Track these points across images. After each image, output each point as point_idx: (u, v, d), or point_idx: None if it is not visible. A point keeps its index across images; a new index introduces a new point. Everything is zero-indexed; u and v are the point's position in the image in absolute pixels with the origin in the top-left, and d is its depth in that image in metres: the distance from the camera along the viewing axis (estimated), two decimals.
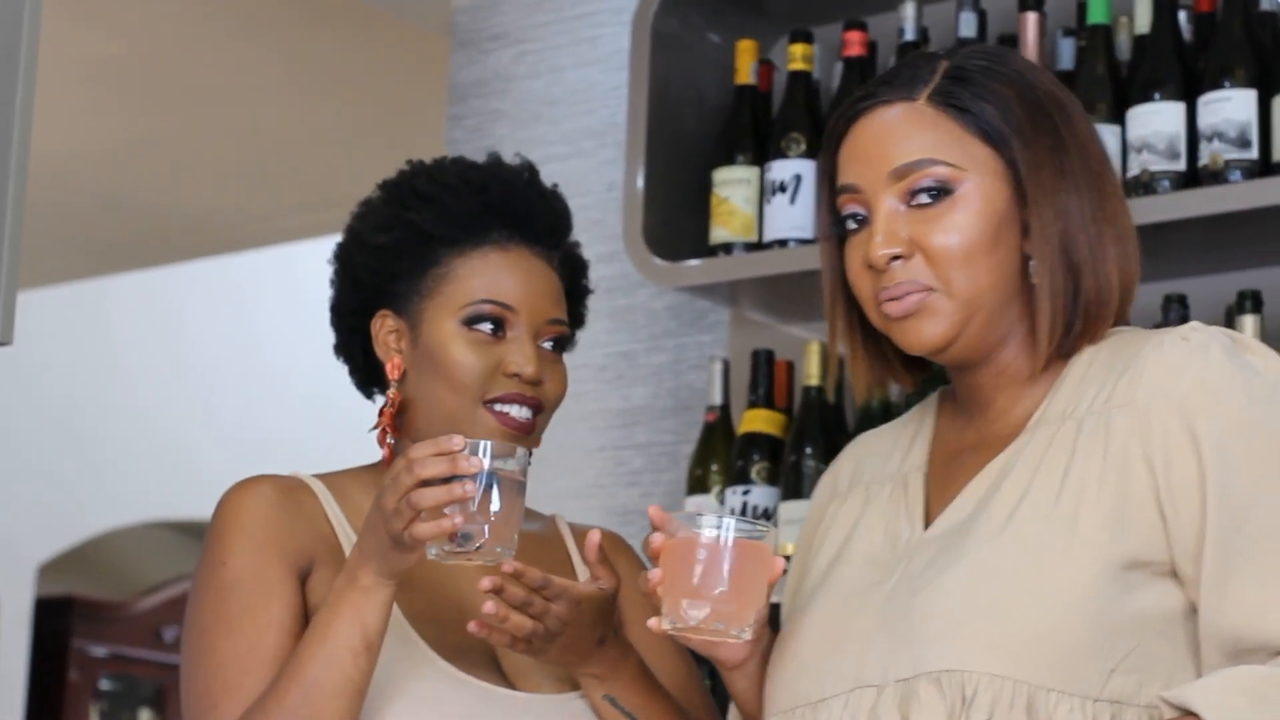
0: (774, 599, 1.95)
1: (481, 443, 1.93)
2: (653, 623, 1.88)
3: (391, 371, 2.21)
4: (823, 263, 1.98)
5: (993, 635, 1.78)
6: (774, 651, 1.96)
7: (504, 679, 2.13)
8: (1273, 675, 1.73)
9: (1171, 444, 1.80)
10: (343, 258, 2.29)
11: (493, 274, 2.19)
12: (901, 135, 1.89)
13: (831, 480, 2.10)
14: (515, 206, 2.23)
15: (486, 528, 1.92)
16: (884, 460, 2.04)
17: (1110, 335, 1.93)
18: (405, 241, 2.23)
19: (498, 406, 2.16)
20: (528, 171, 2.28)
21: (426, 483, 1.91)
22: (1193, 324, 1.88)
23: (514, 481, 1.94)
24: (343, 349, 2.30)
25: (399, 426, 2.23)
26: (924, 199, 1.88)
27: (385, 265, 2.23)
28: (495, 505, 1.92)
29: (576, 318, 2.31)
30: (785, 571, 1.94)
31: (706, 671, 3.07)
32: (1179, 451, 1.80)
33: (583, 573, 2.25)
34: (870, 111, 1.92)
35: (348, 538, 2.15)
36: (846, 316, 1.98)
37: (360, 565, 1.98)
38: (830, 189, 1.95)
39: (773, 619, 1.98)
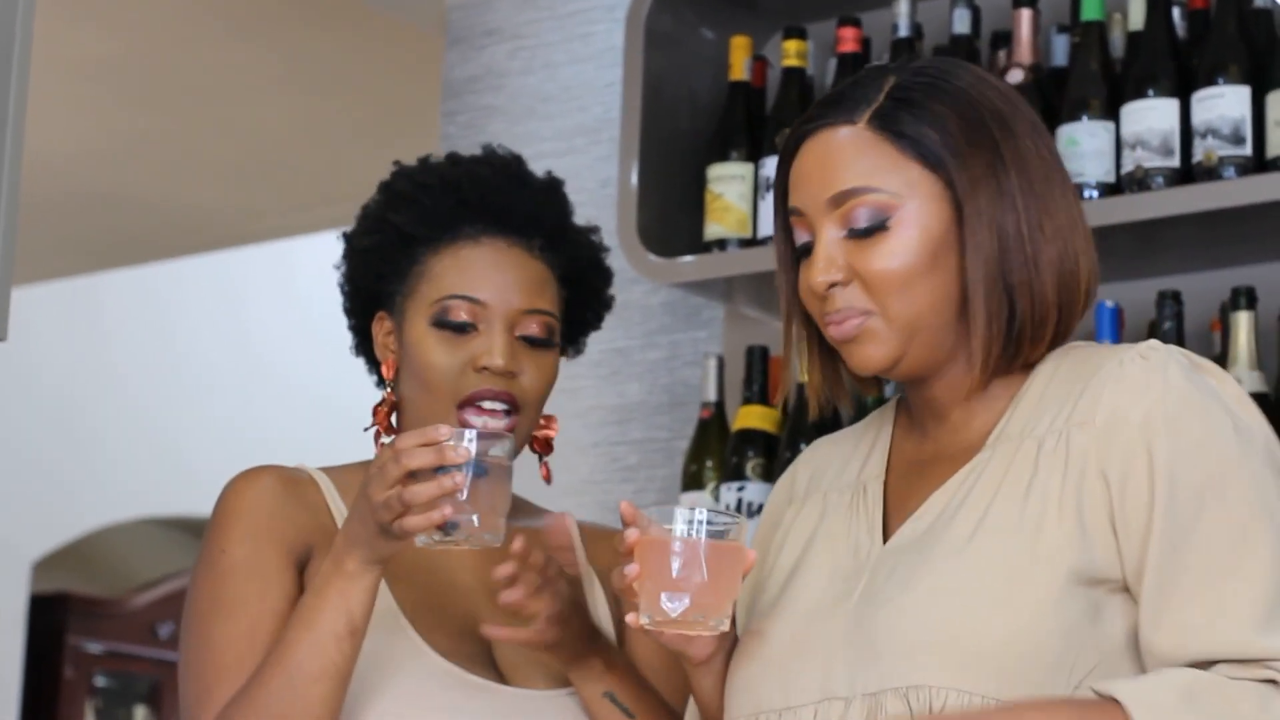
0: None
1: (466, 430, 1.93)
2: (630, 619, 1.87)
3: (386, 372, 2.23)
4: (778, 279, 1.99)
5: (959, 650, 1.79)
6: (735, 655, 1.96)
7: (498, 674, 2.14)
8: (1207, 679, 1.74)
9: (1128, 463, 1.81)
10: (342, 264, 2.30)
11: (462, 269, 2.19)
12: (840, 162, 1.89)
13: (789, 485, 2.10)
14: (489, 200, 2.22)
15: (475, 517, 1.92)
16: (842, 467, 2.04)
17: (1070, 350, 1.93)
18: (387, 243, 2.23)
19: (474, 404, 2.16)
20: (513, 163, 2.28)
21: (414, 474, 1.91)
22: (1150, 343, 1.88)
23: (500, 468, 1.94)
24: (357, 352, 2.32)
25: (393, 426, 2.23)
26: (860, 226, 1.88)
27: (372, 268, 2.24)
28: (482, 493, 1.92)
29: (595, 303, 2.30)
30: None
31: None
32: (1135, 470, 1.80)
33: (588, 571, 2.26)
34: (815, 134, 1.92)
35: None
36: (803, 330, 1.98)
37: (346, 551, 1.98)
38: (783, 208, 1.96)
39: None
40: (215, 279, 7.63)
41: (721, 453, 3.10)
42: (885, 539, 1.92)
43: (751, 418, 3.06)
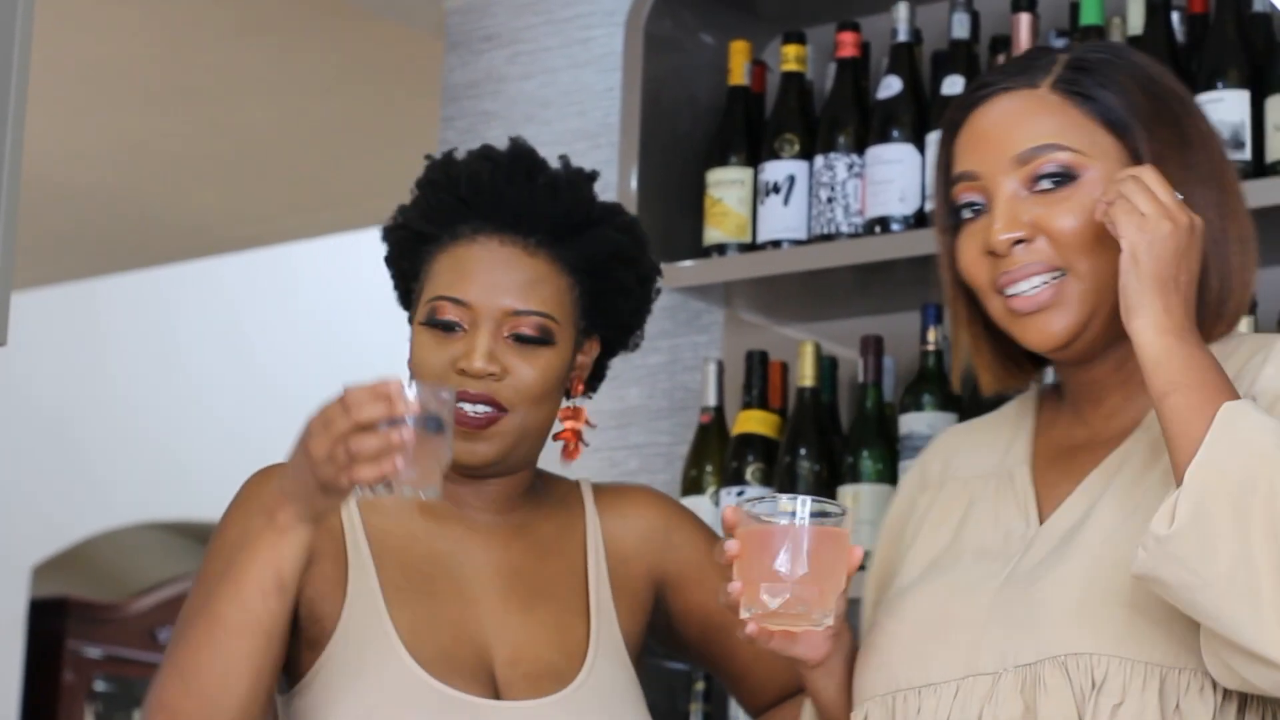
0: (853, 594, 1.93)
1: (413, 384, 1.91)
2: (746, 632, 1.85)
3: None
4: (940, 257, 1.95)
5: (1121, 618, 1.77)
6: (866, 640, 1.93)
7: (493, 689, 2.13)
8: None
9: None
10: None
11: (455, 269, 2.18)
12: (1025, 121, 1.87)
13: (920, 473, 2.07)
14: (483, 197, 2.20)
15: (416, 471, 1.89)
16: (978, 455, 2.01)
17: (1233, 339, 1.90)
18: (404, 241, 2.25)
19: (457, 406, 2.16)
20: (521, 158, 2.25)
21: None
22: None
23: (443, 423, 1.91)
24: None
25: None
26: (1046, 184, 1.86)
27: (394, 267, 2.26)
28: (426, 447, 1.89)
29: (620, 294, 2.26)
30: (865, 558, 1.93)
31: (701, 675, 3.07)
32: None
33: (596, 557, 2.26)
34: (991, 99, 1.90)
35: (355, 540, 2.16)
36: (968, 311, 1.95)
37: (280, 505, 1.95)
38: (945, 179, 1.93)
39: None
40: (214, 284, 7.62)
41: (721, 457, 3.10)
42: (1041, 523, 1.90)
43: (751, 422, 3.06)
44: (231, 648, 1.95)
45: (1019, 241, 1.85)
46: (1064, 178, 1.85)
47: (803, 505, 1.82)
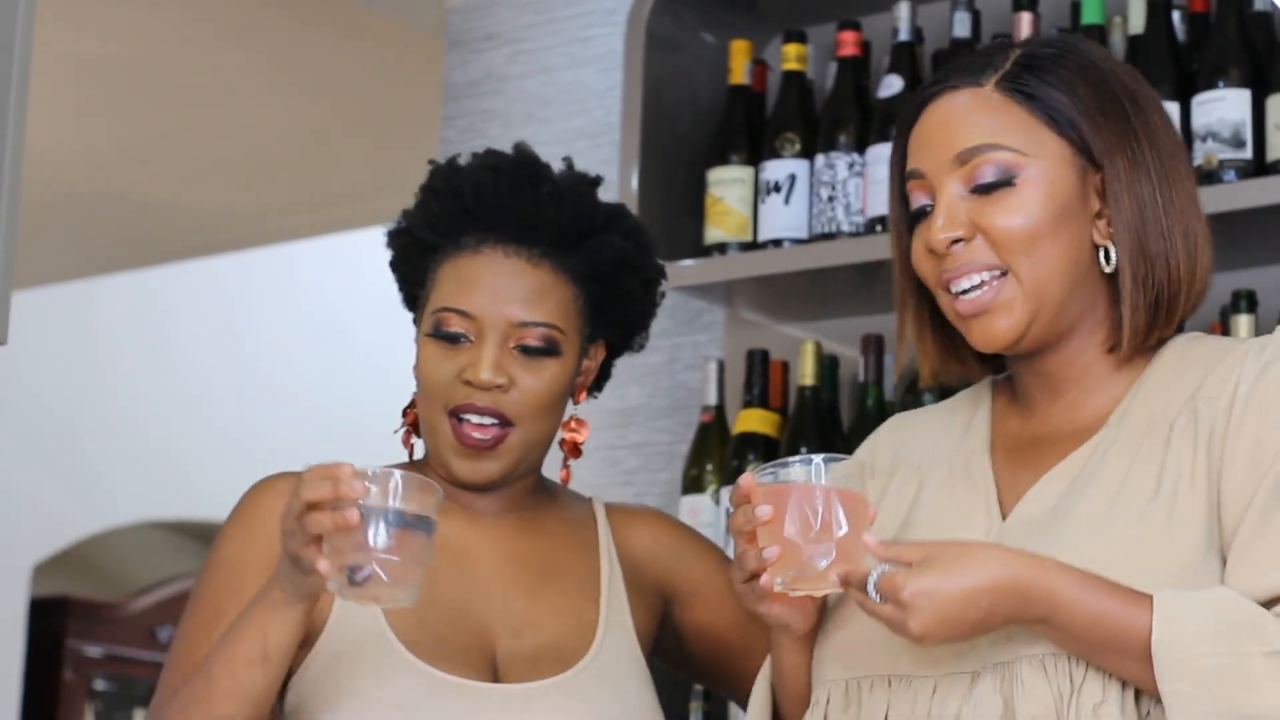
0: None
1: (394, 474, 1.86)
2: (766, 603, 1.82)
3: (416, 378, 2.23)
4: (892, 251, 1.98)
5: None
6: (831, 621, 1.93)
7: (493, 674, 2.13)
8: (1242, 601, 1.72)
9: (1238, 438, 1.81)
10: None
11: (460, 280, 2.18)
12: (966, 120, 1.90)
13: (869, 459, 2.07)
14: (488, 208, 2.20)
15: (375, 565, 1.84)
16: (930, 444, 2.02)
17: (1196, 339, 1.92)
18: (408, 247, 2.25)
19: (461, 417, 2.16)
20: (525, 166, 2.24)
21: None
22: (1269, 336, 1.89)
23: (417, 521, 1.86)
24: None
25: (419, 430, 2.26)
26: (986, 183, 1.88)
27: (398, 273, 2.27)
28: (385, 541, 1.84)
29: (626, 301, 2.26)
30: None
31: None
32: (1241, 445, 1.81)
33: (609, 557, 2.26)
34: (938, 98, 1.93)
35: None
36: (917, 305, 1.98)
37: (275, 580, 1.97)
38: (900, 177, 1.96)
39: None
40: (213, 283, 7.62)
41: (722, 456, 3.09)
42: (1004, 515, 1.90)
43: (752, 421, 3.06)
44: (221, 708, 1.99)
45: (957, 241, 1.88)
46: (1002, 176, 1.88)
47: (820, 469, 1.80)
